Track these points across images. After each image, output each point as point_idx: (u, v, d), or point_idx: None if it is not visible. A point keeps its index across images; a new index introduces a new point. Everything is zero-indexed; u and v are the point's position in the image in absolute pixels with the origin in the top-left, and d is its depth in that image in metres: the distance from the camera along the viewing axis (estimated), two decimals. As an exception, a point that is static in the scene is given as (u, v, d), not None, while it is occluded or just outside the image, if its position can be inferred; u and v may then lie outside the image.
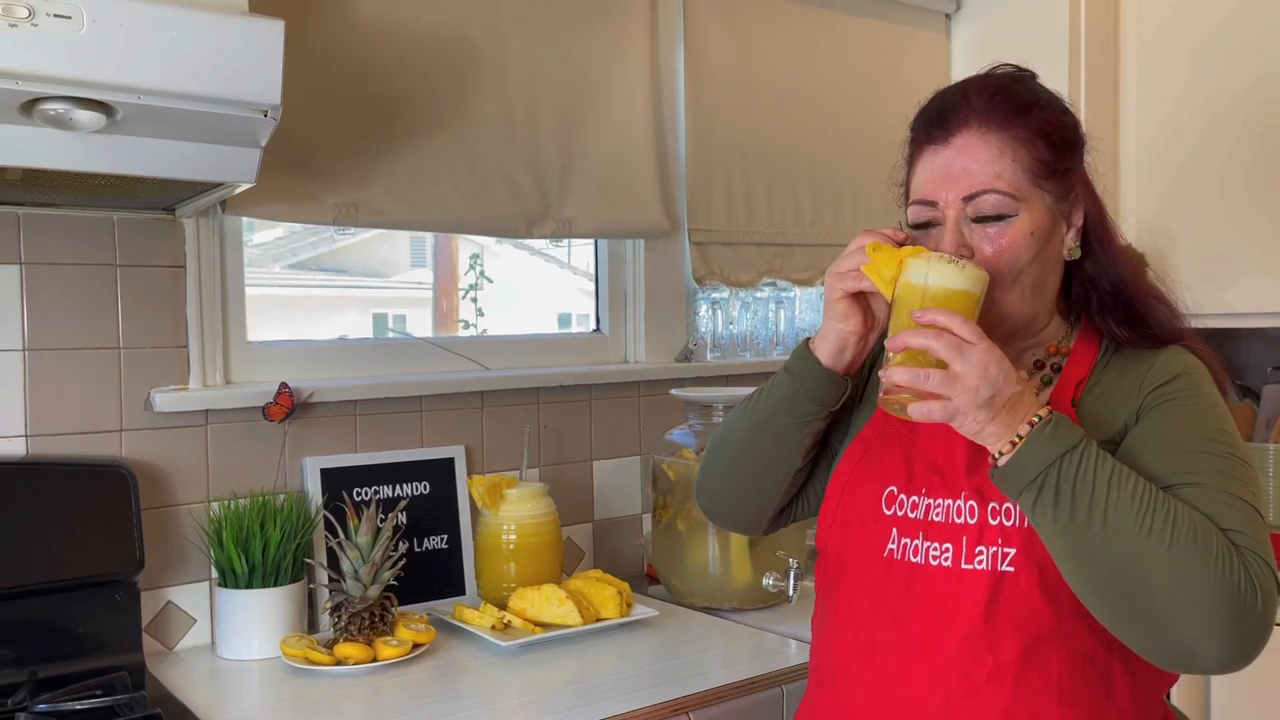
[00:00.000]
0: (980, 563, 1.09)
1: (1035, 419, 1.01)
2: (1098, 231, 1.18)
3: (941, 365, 1.01)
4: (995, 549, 1.09)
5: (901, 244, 1.11)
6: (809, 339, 1.20)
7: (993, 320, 1.11)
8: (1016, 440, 1.01)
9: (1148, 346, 1.16)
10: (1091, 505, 0.98)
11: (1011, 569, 1.08)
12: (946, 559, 1.11)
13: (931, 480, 1.15)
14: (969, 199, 1.10)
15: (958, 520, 1.11)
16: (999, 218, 1.10)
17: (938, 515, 1.13)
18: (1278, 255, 2.27)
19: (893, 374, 1.03)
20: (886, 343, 1.07)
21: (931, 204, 1.13)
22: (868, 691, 1.14)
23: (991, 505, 1.10)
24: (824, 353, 1.16)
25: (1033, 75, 1.18)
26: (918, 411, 1.02)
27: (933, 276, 1.05)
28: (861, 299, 1.14)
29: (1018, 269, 1.11)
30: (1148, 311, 1.17)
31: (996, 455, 1.02)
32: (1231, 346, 2.71)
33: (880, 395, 1.06)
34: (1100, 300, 1.18)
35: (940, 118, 1.13)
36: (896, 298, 1.07)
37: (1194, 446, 1.06)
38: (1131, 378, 1.13)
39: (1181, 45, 2.44)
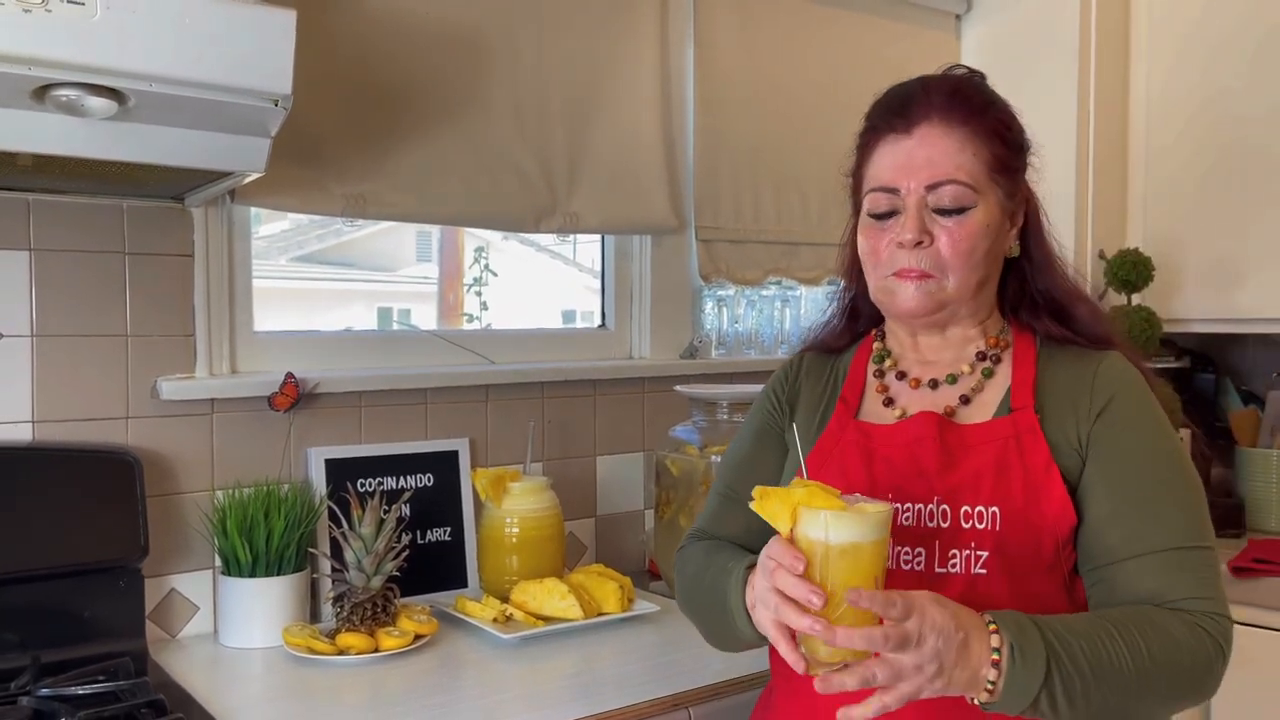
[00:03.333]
0: (954, 566, 1.11)
1: (995, 655, 0.97)
2: (1036, 233, 1.23)
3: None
4: (969, 552, 1.11)
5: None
6: (746, 583, 1.11)
7: (938, 304, 1.16)
8: (991, 688, 0.97)
9: (1084, 344, 1.20)
10: (1088, 699, 1.00)
11: (984, 571, 1.10)
12: (919, 563, 1.12)
13: (898, 485, 1.15)
14: (931, 188, 1.13)
15: (930, 524, 1.12)
16: (959, 210, 1.13)
17: (907, 519, 1.14)
18: (1285, 261, 2.27)
19: (832, 681, 0.95)
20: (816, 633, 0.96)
21: (893, 191, 1.15)
22: (842, 697, 1.08)
23: (964, 509, 1.12)
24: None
25: (985, 77, 1.22)
26: (875, 709, 0.96)
27: (834, 531, 0.97)
28: None
29: (974, 260, 1.15)
30: (1075, 310, 1.21)
31: (973, 701, 0.99)
32: (1237, 351, 2.71)
33: (817, 683, 0.97)
34: (1033, 299, 1.22)
35: (901, 108, 1.17)
36: (802, 550, 0.99)
37: (1145, 494, 1.10)
38: (1079, 383, 1.16)
39: (1193, 47, 2.44)
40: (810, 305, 2.53)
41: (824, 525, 0.97)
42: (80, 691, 1.36)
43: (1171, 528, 1.09)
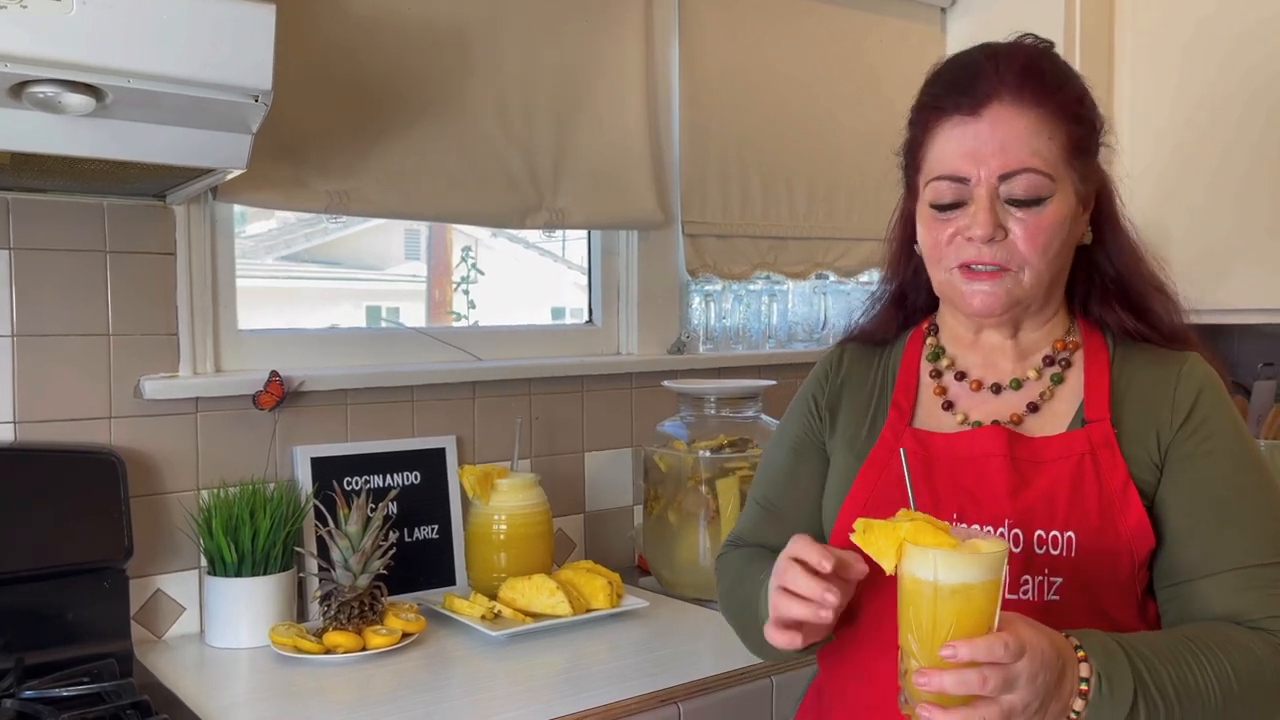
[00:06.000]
0: (1026, 593, 1.03)
1: (1084, 685, 0.91)
2: (1110, 216, 1.14)
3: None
4: (1042, 578, 1.04)
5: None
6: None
7: (1013, 301, 1.07)
8: (1074, 717, 0.92)
9: (1159, 341, 1.12)
10: None
11: (1058, 598, 1.03)
12: None
13: (964, 506, 1.08)
14: (1005, 177, 1.04)
15: None
16: (1036, 201, 1.04)
17: None
18: (1271, 252, 2.27)
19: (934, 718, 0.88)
20: (917, 678, 0.90)
21: (961, 180, 1.06)
22: (894, 696, 1.04)
23: (1038, 533, 1.05)
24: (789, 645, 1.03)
25: (1053, 46, 1.13)
26: None
27: (944, 572, 0.89)
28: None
29: (1050, 254, 1.06)
30: (1150, 301, 1.13)
31: None
32: (1223, 342, 2.72)
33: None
34: (1103, 290, 1.14)
35: (968, 86, 1.06)
36: (902, 588, 0.93)
37: (1224, 506, 1.04)
38: (1160, 391, 1.09)
39: (1177, 40, 2.44)
40: (797, 299, 2.53)
41: (933, 565, 0.89)
42: (65, 693, 1.35)
43: (1251, 542, 1.02)
